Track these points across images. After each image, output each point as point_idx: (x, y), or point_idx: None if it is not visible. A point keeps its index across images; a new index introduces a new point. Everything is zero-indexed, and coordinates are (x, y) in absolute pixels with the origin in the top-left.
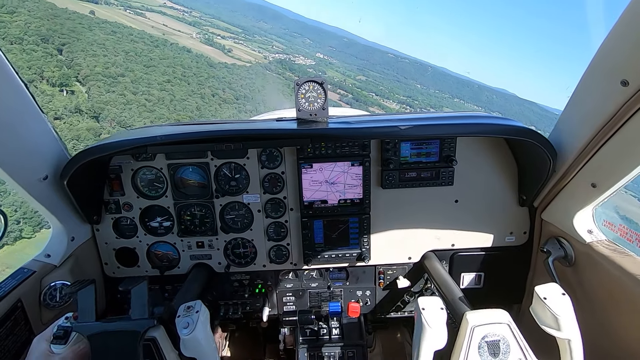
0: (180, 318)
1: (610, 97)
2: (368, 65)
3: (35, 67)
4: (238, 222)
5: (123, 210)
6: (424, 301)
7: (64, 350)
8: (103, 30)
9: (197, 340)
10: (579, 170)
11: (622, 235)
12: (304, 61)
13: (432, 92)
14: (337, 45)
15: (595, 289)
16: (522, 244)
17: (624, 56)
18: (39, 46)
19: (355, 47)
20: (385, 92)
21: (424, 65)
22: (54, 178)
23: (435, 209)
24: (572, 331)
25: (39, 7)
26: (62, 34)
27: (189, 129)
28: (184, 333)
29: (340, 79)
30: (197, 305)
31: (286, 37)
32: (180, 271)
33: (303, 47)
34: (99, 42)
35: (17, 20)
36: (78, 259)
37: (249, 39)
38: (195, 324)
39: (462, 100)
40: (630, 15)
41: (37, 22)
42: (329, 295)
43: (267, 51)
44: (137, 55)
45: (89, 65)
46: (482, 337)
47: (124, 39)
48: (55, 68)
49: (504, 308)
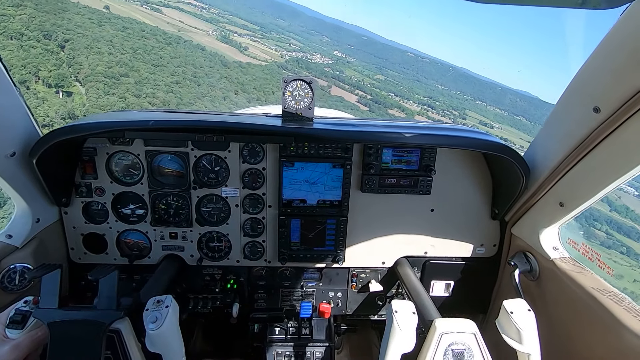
0: (148, 312)
1: (583, 122)
2: (387, 64)
3: (31, 66)
4: (214, 215)
5: (95, 194)
6: (397, 304)
7: (20, 335)
8: (114, 26)
9: (164, 336)
10: (549, 189)
11: (584, 254)
12: (321, 59)
13: (453, 94)
14: (356, 44)
15: (556, 303)
16: (491, 256)
17: (598, 85)
18: (39, 42)
19: (374, 46)
20: (405, 93)
21: (444, 65)
22: (22, 155)
23: (412, 217)
24: (533, 346)
25: (48, 1)
26: (67, 29)
27: (171, 116)
28: (150, 327)
29: (359, 79)
30: (167, 299)
31: (304, 35)
32: (151, 261)
33: (320, 45)
34: (106, 39)
35: (21, 14)
36: (42, 241)
37: (266, 36)
38: (164, 319)
39: (485, 102)
40: (605, 47)
41: (42, 17)
42: (301, 295)
43: (283, 49)
44: (146, 53)
45: (90, 64)
46: (449, 344)
47: (134, 35)
48: (53, 67)
49: (469, 317)
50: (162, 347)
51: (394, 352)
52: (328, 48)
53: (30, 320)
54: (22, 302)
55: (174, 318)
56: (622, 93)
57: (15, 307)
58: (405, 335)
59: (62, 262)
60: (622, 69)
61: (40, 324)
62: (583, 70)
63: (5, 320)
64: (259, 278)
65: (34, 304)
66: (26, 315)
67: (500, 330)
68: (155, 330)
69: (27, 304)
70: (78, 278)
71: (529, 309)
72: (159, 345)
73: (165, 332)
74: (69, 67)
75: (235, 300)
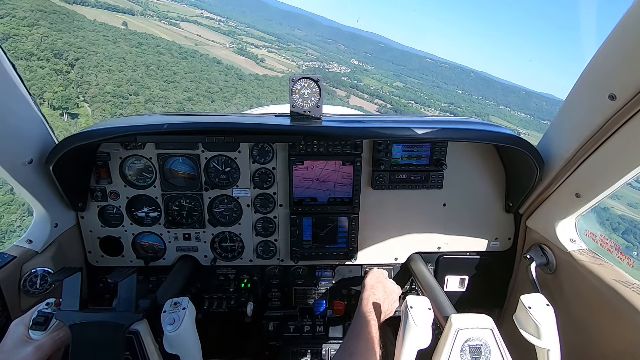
0: (166, 314)
1: (598, 110)
2: (405, 71)
3: (36, 87)
4: (226, 215)
5: (109, 198)
6: (412, 300)
7: (42, 336)
8: (128, 43)
9: (182, 338)
10: (565, 180)
11: (602, 245)
12: (339, 68)
13: (475, 99)
14: (373, 51)
15: (574, 296)
16: (506, 249)
17: (613, 71)
18: (48, 62)
19: (391, 52)
20: (425, 99)
21: (465, 70)
22: (39, 163)
23: (423, 212)
24: (552, 341)
25: (64, 19)
26: (79, 47)
27: (181, 119)
28: (168, 329)
29: (377, 87)
30: (184, 302)
31: (320, 44)
32: (166, 262)
33: (337, 53)
34: (119, 56)
35: (34, 33)
36: (61, 246)
37: (283, 47)
38: (181, 321)
39: (509, 107)
40: (620, 32)
41: (55, 35)
42: (314, 293)
43: (300, 59)
44: (160, 69)
45: (99, 83)
46: (465, 340)
47: (149, 50)
48: (59, 87)
49: (485, 312)
50: (179, 348)
51: (410, 348)
52: (345, 56)
53: (53, 322)
54: (45, 304)
55: (191, 320)
56: (638, 79)
57: (37, 308)
58: (421, 331)
59: (80, 265)
60: (639, 54)
61: (62, 325)
62: (597, 56)
63: (28, 322)
64: (272, 277)
65: (56, 306)
66: (48, 317)
67: (518, 326)
68: (173, 332)
69: (49, 306)
70: (96, 280)
71: (547, 303)
72: (177, 346)
73: (183, 334)
74: (76, 87)
75: (250, 299)
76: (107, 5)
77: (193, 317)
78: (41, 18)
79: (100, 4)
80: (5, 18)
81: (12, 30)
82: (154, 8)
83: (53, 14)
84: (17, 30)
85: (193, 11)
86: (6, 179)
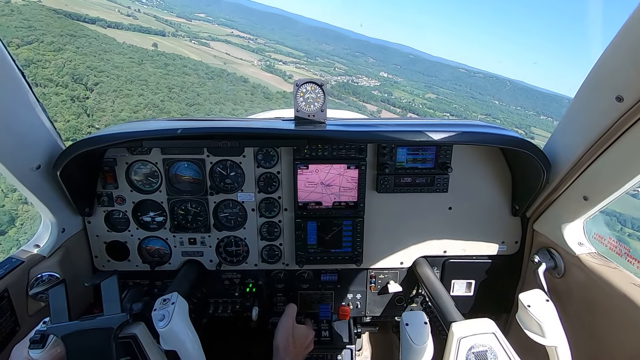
0: (156, 312)
1: (605, 112)
2: (437, 82)
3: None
4: (231, 220)
5: (116, 203)
6: (407, 317)
7: (41, 354)
8: (154, 64)
9: (175, 332)
10: (572, 182)
11: (612, 249)
12: (368, 82)
13: (513, 109)
14: (402, 63)
15: (584, 300)
16: (513, 253)
17: (620, 72)
18: (66, 88)
19: (421, 64)
20: (460, 111)
21: (500, 79)
22: (47, 168)
23: (429, 215)
24: (558, 337)
25: (92, 43)
26: (100, 71)
27: (186, 124)
28: (160, 326)
29: (409, 99)
30: (172, 297)
31: (348, 58)
32: (171, 267)
33: (366, 66)
34: (142, 78)
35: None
36: (68, 250)
37: (311, 62)
38: (171, 315)
39: (551, 117)
40: (626, 33)
41: (78, 60)
42: (319, 297)
43: (329, 74)
44: (183, 90)
45: (115, 109)
46: (469, 348)
47: (175, 71)
48: (72, 116)
49: (494, 316)
50: (175, 343)
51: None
52: (374, 69)
53: (50, 339)
54: (42, 323)
55: (182, 313)
56: None
57: (35, 329)
58: (420, 349)
59: (87, 270)
60: None
61: (59, 340)
62: (604, 58)
63: (27, 343)
64: (278, 281)
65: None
66: (44, 334)
67: (521, 326)
68: (164, 328)
69: (45, 325)
70: (92, 286)
71: (547, 299)
72: (171, 341)
73: (174, 328)
74: (89, 116)
75: (255, 303)
76: (140, 28)
77: (184, 311)
78: (68, 42)
79: (134, 26)
80: (34, 44)
81: (37, 56)
82: (185, 29)
83: (82, 38)
84: (42, 55)
85: (224, 30)
86: (14, 184)
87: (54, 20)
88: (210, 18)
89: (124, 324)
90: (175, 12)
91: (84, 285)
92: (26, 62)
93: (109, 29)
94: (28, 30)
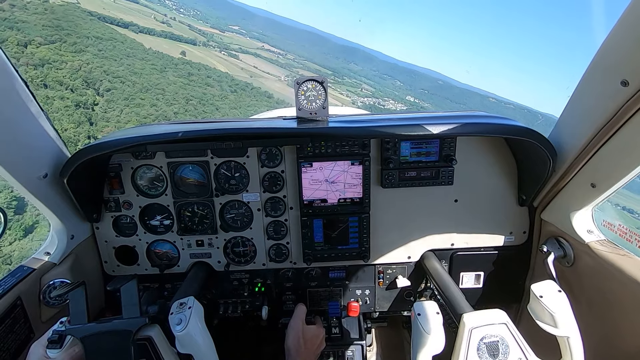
0: (173, 315)
1: (610, 97)
2: (466, 109)
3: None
4: (238, 220)
5: (123, 208)
6: (419, 306)
7: (59, 354)
8: (177, 73)
9: (191, 336)
10: (579, 170)
11: (621, 236)
12: (394, 105)
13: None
14: (430, 88)
15: (595, 288)
16: (521, 243)
17: (624, 56)
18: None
19: (450, 90)
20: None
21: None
22: (54, 176)
23: (435, 209)
24: (570, 328)
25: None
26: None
27: (189, 127)
28: (177, 330)
29: None
30: (189, 301)
31: (376, 79)
32: (180, 270)
33: (393, 89)
34: (159, 87)
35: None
36: (78, 257)
37: (338, 81)
38: (188, 319)
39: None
40: (630, 16)
41: (96, 63)
42: (328, 294)
43: (355, 95)
44: (201, 103)
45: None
46: (480, 338)
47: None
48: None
49: (504, 307)
50: (191, 347)
51: (424, 356)
52: (401, 93)
53: (68, 339)
54: (59, 323)
55: (198, 317)
56: None
57: (52, 328)
58: (432, 338)
59: (97, 275)
60: None
61: (77, 341)
62: (607, 42)
63: (45, 343)
64: (286, 280)
65: (69, 322)
66: (62, 334)
67: (533, 317)
68: (181, 332)
69: (62, 324)
70: (113, 290)
71: (559, 289)
72: (188, 345)
73: (191, 332)
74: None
75: (264, 303)
76: (172, 35)
77: (201, 315)
78: (92, 44)
79: (166, 33)
80: (56, 44)
81: (54, 56)
82: (217, 40)
83: (108, 41)
84: (60, 56)
85: (255, 44)
86: (23, 193)
87: (85, 21)
88: (244, 31)
89: (142, 327)
90: (210, 22)
91: (97, 290)
92: (41, 61)
93: (140, 34)
94: (54, 29)
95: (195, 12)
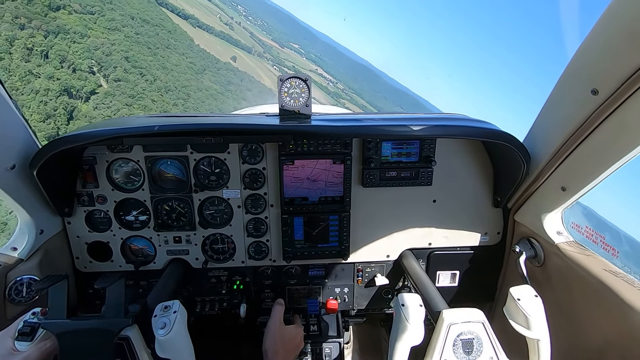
0: (157, 318)
1: (581, 105)
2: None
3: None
4: (217, 217)
5: (97, 203)
6: (404, 297)
7: (29, 347)
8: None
9: (174, 342)
10: (551, 174)
11: (588, 237)
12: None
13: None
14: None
15: (562, 287)
16: (495, 243)
17: (594, 66)
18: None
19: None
20: None
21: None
22: (23, 168)
23: (414, 209)
24: (542, 332)
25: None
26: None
27: (169, 121)
28: (160, 334)
29: None
30: (174, 305)
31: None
32: (156, 266)
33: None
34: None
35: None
36: (47, 252)
37: None
38: (173, 324)
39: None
40: (601, 28)
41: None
42: (307, 292)
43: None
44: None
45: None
46: (457, 334)
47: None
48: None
49: (477, 306)
50: (172, 352)
51: (403, 346)
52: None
53: (39, 332)
54: (30, 314)
55: (182, 323)
56: (619, 74)
57: (23, 319)
58: (413, 329)
59: (68, 272)
60: (619, 49)
61: (49, 335)
62: (579, 52)
63: (13, 333)
64: (265, 277)
65: (42, 315)
66: (34, 327)
67: (508, 317)
68: (164, 336)
69: (35, 316)
70: (85, 287)
71: (535, 294)
72: (169, 350)
73: (175, 338)
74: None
75: (243, 300)
76: (229, 38)
77: (185, 321)
78: (131, 25)
79: (223, 35)
80: (93, 15)
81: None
82: (274, 53)
83: (154, 27)
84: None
85: (310, 65)
86: None
87: (140, 1)
88: (302, 51)
89: (124, 328)
90: (273, 36)
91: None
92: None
93: (197, 28)
94: (100, 1)
95: (262, 22)
